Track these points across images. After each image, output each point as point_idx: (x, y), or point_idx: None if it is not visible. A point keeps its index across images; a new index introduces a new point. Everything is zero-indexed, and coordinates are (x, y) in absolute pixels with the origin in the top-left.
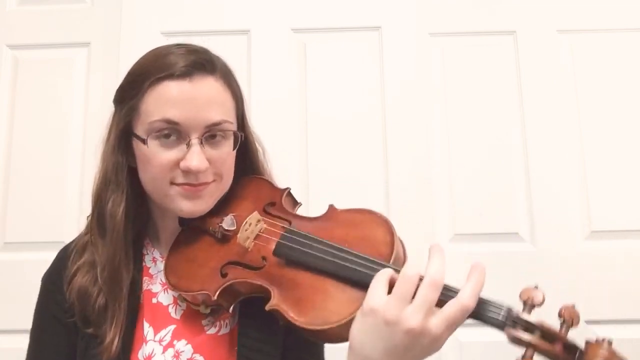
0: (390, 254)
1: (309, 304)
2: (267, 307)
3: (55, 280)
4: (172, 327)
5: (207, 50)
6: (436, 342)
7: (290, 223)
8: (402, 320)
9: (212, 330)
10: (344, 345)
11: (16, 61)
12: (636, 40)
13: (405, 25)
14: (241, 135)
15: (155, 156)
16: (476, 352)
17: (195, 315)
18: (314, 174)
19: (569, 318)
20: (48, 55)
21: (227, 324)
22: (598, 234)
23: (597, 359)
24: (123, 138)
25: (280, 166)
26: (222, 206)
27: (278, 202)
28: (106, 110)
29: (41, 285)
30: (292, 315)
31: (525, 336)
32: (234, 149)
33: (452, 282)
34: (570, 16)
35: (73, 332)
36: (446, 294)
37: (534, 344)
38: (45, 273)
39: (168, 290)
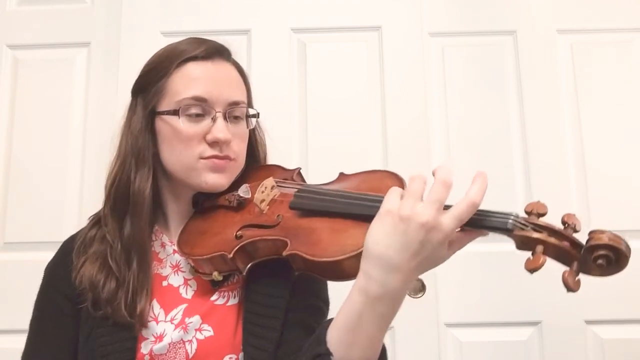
0: None
1: (324, 241)
2: (284, 253)
3: (59, 271)
4: (183, 306)
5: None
6: (445, 242)
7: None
8: (416, 214)
9: (220, 301)
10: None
11: (16, 61)
12: (636, 40)
13: (405, 25)
14: (257, 114)
15: (185, 129)
16: (476, 352)
17: (205, 292)
18: (314, 174)
19: (572, 223)
20: (48, 55)
21: (235, 295)
22: None
23: (602, 238)
24: (149, 120)
25: None
26: (235, 186)
27: (290, 178)
28: (106, 110)
29: (45, 276)
30: (310, 255)
31: (535, 234)
32: (248, 127)
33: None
34: (570, 16)
35: (75, 323)
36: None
37: (543, 240)
38: (49, 263)
39: (179, 272)
